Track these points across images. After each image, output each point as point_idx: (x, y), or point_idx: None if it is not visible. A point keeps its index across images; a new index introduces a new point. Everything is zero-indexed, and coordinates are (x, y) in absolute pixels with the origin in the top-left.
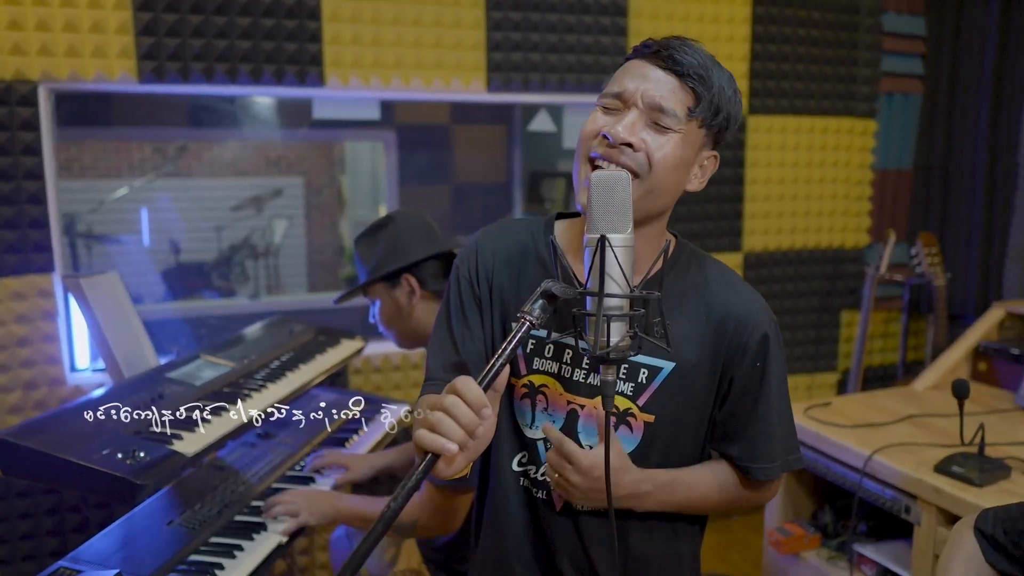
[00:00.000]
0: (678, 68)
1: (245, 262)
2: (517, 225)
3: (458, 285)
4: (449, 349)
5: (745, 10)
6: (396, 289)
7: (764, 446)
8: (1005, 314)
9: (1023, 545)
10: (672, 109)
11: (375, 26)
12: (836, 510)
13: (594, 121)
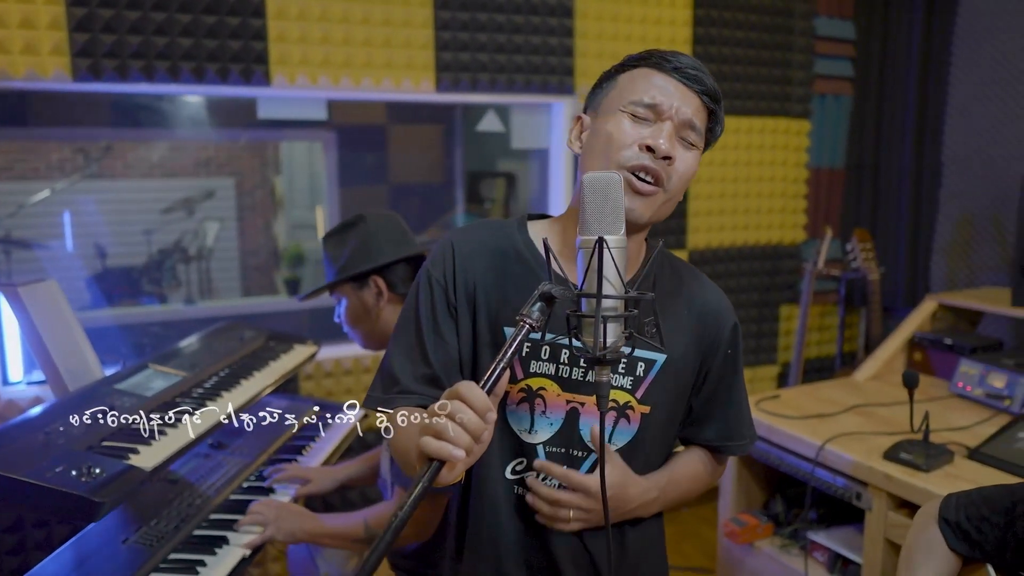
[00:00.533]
0: (701, 88)
1: (176, 266)
2: (489, 227)
3: (430, 291)
4: (419, 359)
5: (686, 13)
6: (364, 290)
7: (738, 426)
8: (937, 306)
9: (985, 530)
10: (699, 127)
11: (323, 24)
12: (787, 499)
13: (626, 130)
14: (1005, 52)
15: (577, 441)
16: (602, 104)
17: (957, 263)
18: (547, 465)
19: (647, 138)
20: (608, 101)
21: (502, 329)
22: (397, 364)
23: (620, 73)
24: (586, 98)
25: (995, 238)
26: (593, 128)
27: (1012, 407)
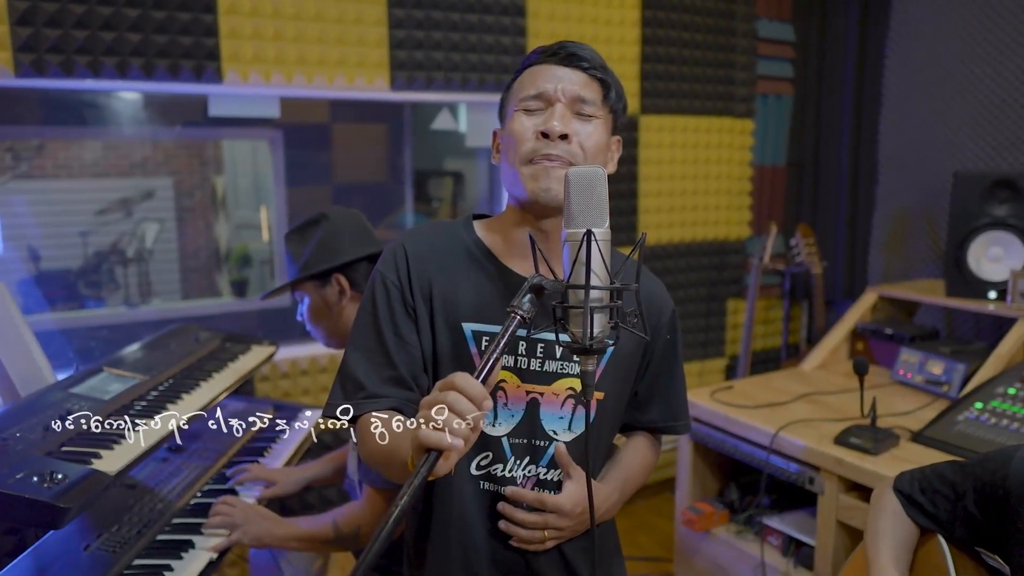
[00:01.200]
0: (583, 64)
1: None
2: (437, 228)
3: (386, 293)
4: (382, 362)
5: (635, 14)
6: (326, 288)
7: (680, 406)
8: (877, 298)
9: (938, 503)
10: (591, 98)
11: (275, 21)
12: (741, 487)
13: (523, 124)
14: (935, 55)
15: (539, 431)
16: (506, 113)
17: (893, 257)
18: (519, 492)
19: (540, 125)
20: (509, 108)
21: (460, 325)
22: (360, 369)
23: (515, 80)
24: (499, 112)
25: (928, 233)
26: (502, 139)
27: (950, 392)
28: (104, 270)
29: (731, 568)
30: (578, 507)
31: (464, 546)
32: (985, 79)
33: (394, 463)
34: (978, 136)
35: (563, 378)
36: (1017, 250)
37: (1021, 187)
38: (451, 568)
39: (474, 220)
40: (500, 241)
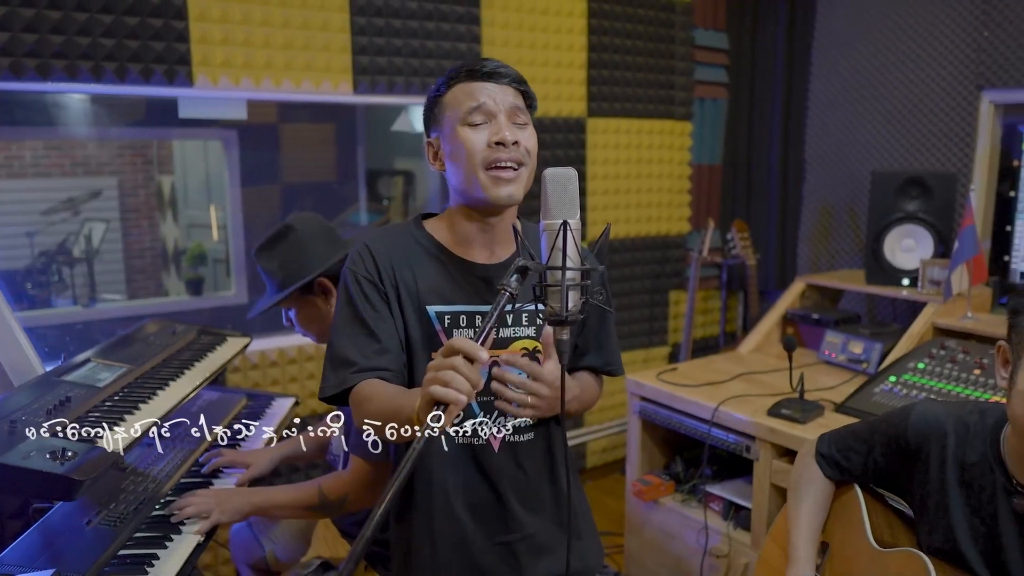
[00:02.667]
0: (506, 80)
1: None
2: (392, 230)
3: (359, 287)
4: (366, 339)
5: (582, 22)
6: (310, 294)
7: (612, 353)
8: (805, 286)
9: (851, 457)
10: (522, 106)
11: (244, 27)
12: (685, 460)
13: (471, 136)
14: (856, 63)
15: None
16: (443, 125)
17: (819, 249)
18: (512, 358)
19: (492, 136)
20: (448, 121)
21: (425, 309)
22: (347, 350)
23: (443, 95)
24: (424, 122)
25: (850, 227)
26: (446, 150)
27: (869, 369)
28: (52, 270)
29: (677, 534)
30: (556, 380)
31: (445, 495)
32: (899, 85)
33: (399, 419)
34: (893, 138)
35: (517, 341)
36: (927, 242)
37: (930, 185)
38: (434, 516)
39: (424, 219)
40: (449, 235)
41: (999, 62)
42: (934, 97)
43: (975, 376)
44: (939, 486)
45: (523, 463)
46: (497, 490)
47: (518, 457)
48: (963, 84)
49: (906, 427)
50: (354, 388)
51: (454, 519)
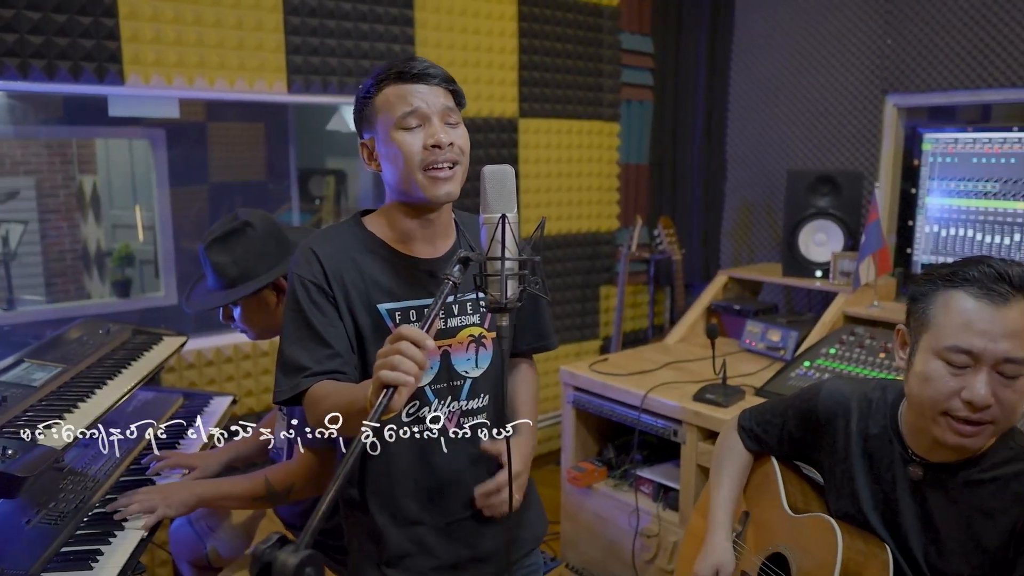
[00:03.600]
0: (435, 80)
1: None
2: (333, 231)
3: (305, 291)
4: (316, 345)
5: (512, 25)
6: (264, 291)
7: (546, 329)
8: (727, 279)
9: (768, 430)
10: (453, 106)
11: (176, 26)
12: (617, 447)
13: (407, 140)
14: (772, 68)
15: (454, 374)
16: (377, 127)
17: (740, 244)
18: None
19: (427, 139)
20: (380, 124)
21: (376, 307)
22: (298, 355)
23: (373, 97)
24: (355, 123)
25: (768, 223)
26: (382, 152)
27: (785, 355)
28: None
29: (610, 517)
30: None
31: (401, 480)
32: (811, 89)
33: (351, 412)
34: (806, 138)
35: (464, 329)
36: (837, 236)
37: (840, 182)
38: (390, 501)
39: (363, 216)
40: (390, 232)
41: (901, 68)
42: (843, 100)
43: (880, 359)
44: (845, 456)
45: (476, 445)
46: (452, 472)
47: (472, 434)
48: (869, 88)
49: (816, 403)
50: (307, 391)
51: (412, 502)
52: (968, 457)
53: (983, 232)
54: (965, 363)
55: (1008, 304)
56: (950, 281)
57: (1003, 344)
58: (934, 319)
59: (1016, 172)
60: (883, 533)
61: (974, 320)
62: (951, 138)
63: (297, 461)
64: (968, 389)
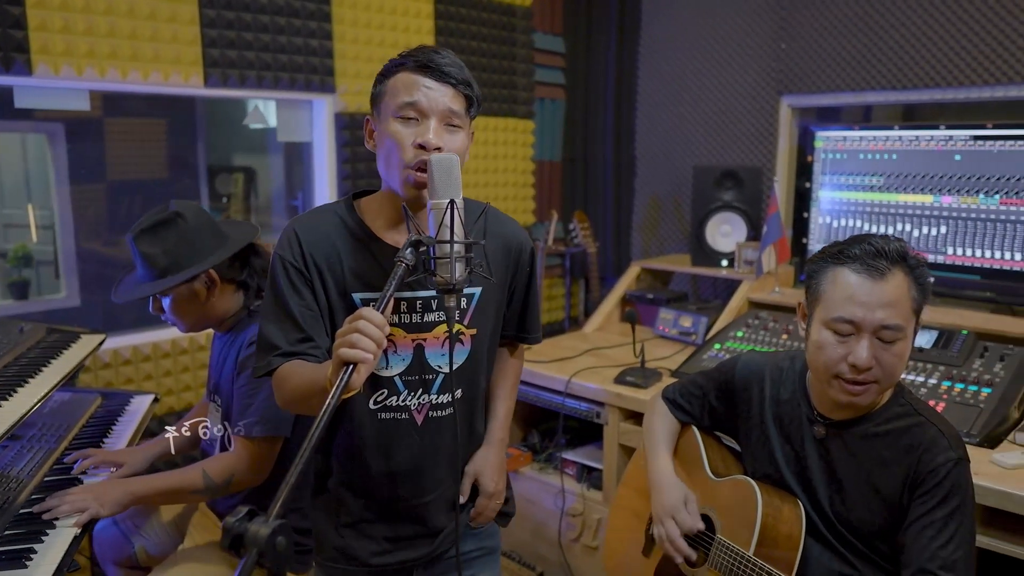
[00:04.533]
0: (452, 80)
1: None
2: (321, 212)
3: (285, 272)
4: (291, 327)
5: (429, 23)
6: (195, 283)
7: (534, 321)
8: (640, 270)
9: (691, 401)
10: (458, 110)
11: (86, 16)
12: (541, 432)
13: (400, 132)
14: (676, 68)
15: (427, 367)
16: (381, 110)
17: (650, 237)
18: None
19: (417, 137)
20: (383, 107)
21: (351, 295)
22: (273, 334)
23: (388, 78)
24: (371, 98)
25: (675, 216)
26: (378, 133)
27: (697, 340)
28: None
29: (537, 498)
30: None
31: (368, 464)
32: (713, 89)
33: (314, 391)
34: (710, 135)
35: (441, 324)
36: (741, 227)
37: (742, 177)
38: (358, 483)
39: (355, 198)
40: (379, 218)
41: (794, 71)
42: (742, 100)
43: (783, 340)
44: (759, 420)
45: (443, 433)
46: (413, 459)
47: (439, 427)
48: (765, 89)
49: (734, 374)
50: (276, 370)
51: (372, 481)
52: (864, 414)
53: (870, 223)
54: (849, 331)
55: (885, 278)
56: (837, 259)
57: (880, 313)
58: (824, 293)
59: (897, 167)
60: (796, 488)
61: (856, 293)
62: (840, 136)
63: (234, 451)
64: (853, 354)
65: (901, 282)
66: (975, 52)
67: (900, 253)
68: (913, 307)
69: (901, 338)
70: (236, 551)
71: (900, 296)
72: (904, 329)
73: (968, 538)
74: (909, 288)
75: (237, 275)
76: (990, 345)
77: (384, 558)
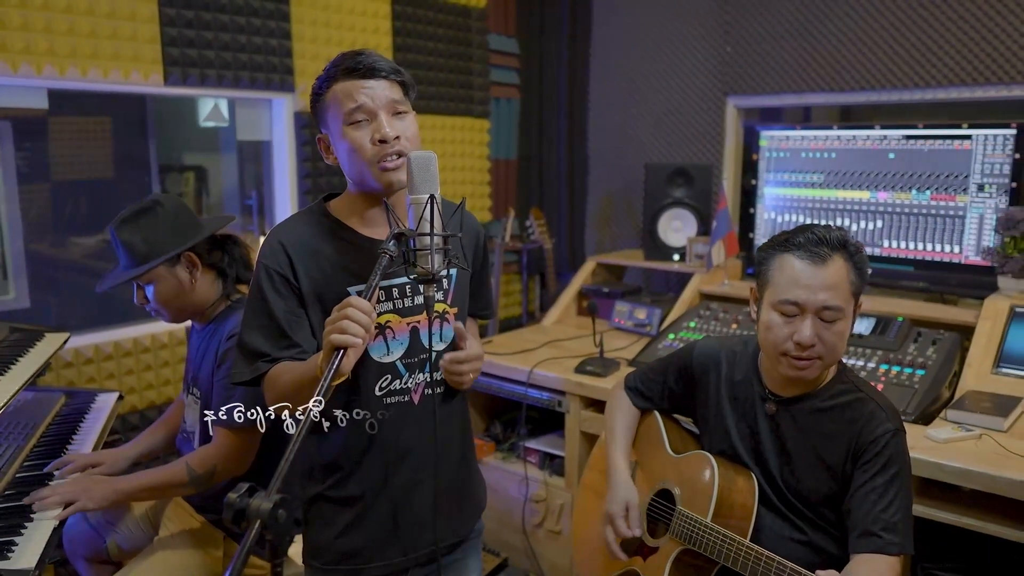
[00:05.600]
0: (382, 73)
1: None
2: (299, 218)
3: (271, 279)
4: (278, 334)
5: (387, 23)
6: (177, 267)
7: (489, 300)
8: (595, 265)
9: (652, 387)
10: (399, 98)
11: (46, 13)
12: (503, 423)
13: (357, 136)
14: (626, 71)
15: (421, 348)
16: (329, 123)
17: (603, 233)
18: (452, 356)
19: (375, 134)
20: (332, 120)
21: (346, 290)
22: (258, 342)
23: (324, 93)
24: (313, 115)
25: (627, 213)
26: (336, 147)
27: (651, 331)
28: None
29: (501, 486)
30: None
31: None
32: (662, 91)
33: (305, 381)
34: (660, 135)
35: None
36: (691, 223)
37: (692, 175)
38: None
39: (327, 201)
40: (354, 216)
41: (740, 73)
42: (691, 101)
43: (732, 330)
44: (716, 401)
45: (438, 412)
46: (419, 437)
47: (434, 407)
48: (712, 91)
49: (691, 359)
50: (266, 374)
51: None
52: (810, 391)
53: (812, 217)
54: (794, 312)
55: (826, 263)
56: (783, 247)
57: (821, 295)
58: (772, 279)
59: (836, 165)
60: (749, 462)
61: (799, 277)
62: (783, 135)
63: (216, 444)
64: (798, 333)
65: (841, 267)
66: (907, 57)
67: (840, 241)
68: (852, 290)
69: (841, 318)
70: (238, 525)
71: (840, 280)
72: (843, 310)
73: (906, 502)
74: (848, 272)
75: (218, 261)
76: (923, 331)
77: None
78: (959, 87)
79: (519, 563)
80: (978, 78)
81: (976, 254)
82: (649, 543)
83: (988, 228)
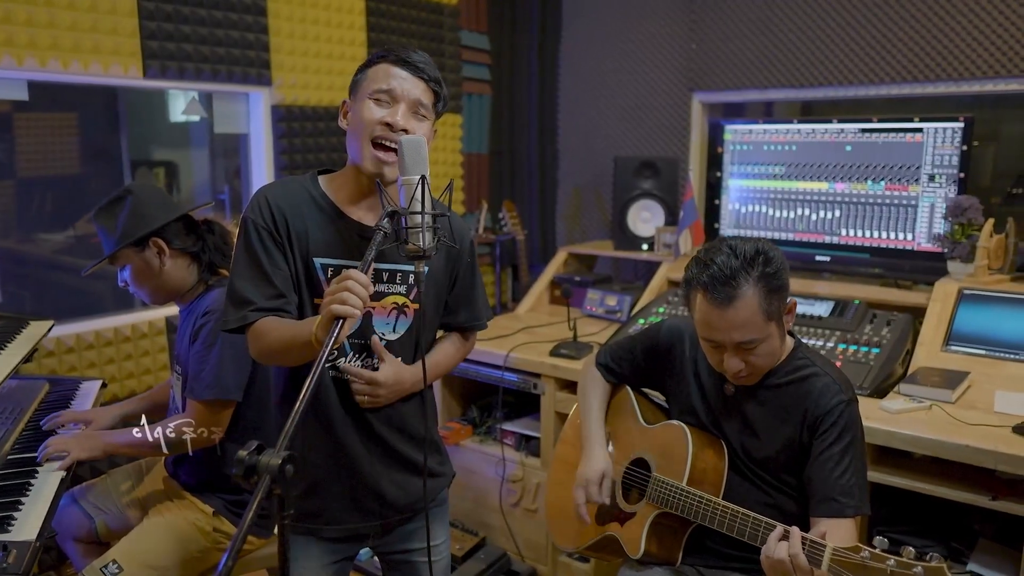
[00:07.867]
0: (424, 75)
1: None
2: (289, 183)
3: (257, 234)
4: (264, 284)
5: (361, 19)
6: (145, 252)
7: (480, 309)
8: (567, 255)
9: (621, 363)
10: (426, 102)
11: (27, 6)
12: (480, 407)
13: (372, 111)
14: (595, 66)
15: (371, 333)
16: (357, 93)
17: (573, 224)
18: (347, 368)
19: (385, 117)
20: (360, 90)
21: (312, 260)
22: (247, 290)
23: (368, 68)
24: (350, 86)
25: (597, 205)
26: (352, 111)
27: (622, 317)
28: None
29: (478, 468)
30: (390, 380)
31: (323, 417)
32: (630, 86)
33: (296, 343)
34: (628, 129)
35: (388, 296)
36: (659, 213)
37: (659, 167)
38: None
39: (320, 175)
40: (341, 193)
41: (704, 69)
42: (657, 96)
43: None
44: (682, 377)
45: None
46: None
47: None
48: (678, 86)
49: (659, 337)
50: (253, 324)
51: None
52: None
53: (775, 208)
54: (718, 346)
55: (733, 303)
56: (693, 284)
57: (734, 335)
58: (694, 313)
59: (796, 157)
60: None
61: (710, 320)
62: (746, 129)
63: (187, 413)
64: (725, 362)
65: (749, 300)
66: (863, 54)
67: (747, 264)
68: (765, 316)
69: (761, 342)
70: (247, 479)
71: (749, 315)
72: (758, 339)
73: (861, 467)
74: (758, 301)
75: (189, 246)
76: (878, 313)
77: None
78: (911, 83)
79: (497, 541)
80: (929, 75)
81: (928, 241)
82: (626, 509)
83: (939, 216)
